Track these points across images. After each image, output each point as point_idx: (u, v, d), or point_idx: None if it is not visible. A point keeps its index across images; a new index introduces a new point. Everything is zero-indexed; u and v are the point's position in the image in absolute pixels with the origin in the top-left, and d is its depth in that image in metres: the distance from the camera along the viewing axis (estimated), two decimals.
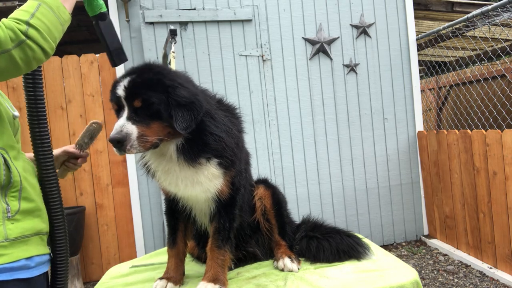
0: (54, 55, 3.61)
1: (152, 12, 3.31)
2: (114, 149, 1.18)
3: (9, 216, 1.00)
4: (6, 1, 3.45)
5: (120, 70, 3.37)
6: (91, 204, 3.46)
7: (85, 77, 3.47)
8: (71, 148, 1.34)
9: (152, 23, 3.31)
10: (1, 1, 3.45)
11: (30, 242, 1.04)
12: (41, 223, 1.10)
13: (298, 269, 1.46)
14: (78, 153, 1.36)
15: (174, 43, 2.44)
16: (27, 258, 1.01)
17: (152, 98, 1.16)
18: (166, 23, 3.32)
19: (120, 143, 1.15)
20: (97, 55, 3.50)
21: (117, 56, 1.11)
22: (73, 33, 4.96)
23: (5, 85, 3.35)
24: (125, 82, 1.21)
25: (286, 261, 1.46)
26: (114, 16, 3.34)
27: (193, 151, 1.23)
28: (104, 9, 1.14)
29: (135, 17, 3.36)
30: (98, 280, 2.68)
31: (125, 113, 1.19)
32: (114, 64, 1.11)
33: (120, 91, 1.21)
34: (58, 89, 3.43)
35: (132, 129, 1.16)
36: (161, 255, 1.81)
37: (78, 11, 4.53)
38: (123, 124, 1.17)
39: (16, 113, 1.17)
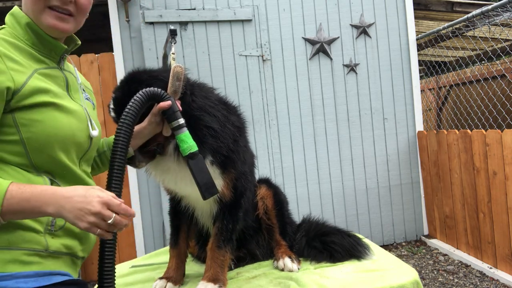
0: None
1: (152, 12, 3.30)
2: (130, 166, 1.24)
3: (51, 230, 0.99)
4: (6, 1, 3.45)
5: (120, 71, 3.37)
6: None
7: (85, 77, 3.45)
8: (163, 104, 1.14)
9: (152, 23, 3.31)
10: (1, 1, 3.45)
11: (62, 260, 1.02)
12: (79, 246, 1.07)
13: (298, 269, 1.46)
14: (175, 102, 1.18)
15: (174, 43, 2.44)
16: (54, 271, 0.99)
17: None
18: (166, 23, 3.32)
19: (131, 160, 1.21)
20: (97, 55, 3.50)
21: (206, 190, 1.14)
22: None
23: None
24: (112, 102, 1.23)
25: (287, 261, 1.47)
26: (114, 16, 3.34)
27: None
28: (193, 150, 1.14)
29: (135, 17, 3.35)
30: None
31: None
32: (204, 197, 1.15)
33: (112, 112, 1.23)
34: None
35: (130, 148, 1.18)
36: (161, 255, 1.81)
37: None
38: None
39: (94, 132, 1.11)
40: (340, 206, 3.73)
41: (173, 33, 2.42)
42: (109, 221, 0.87)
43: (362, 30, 3.73)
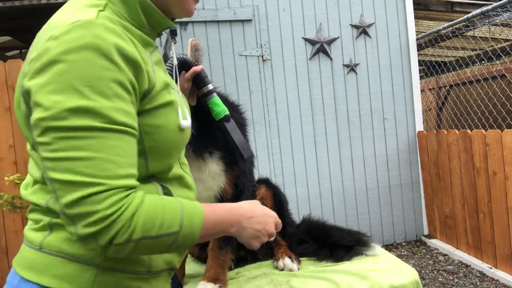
0: None
1: None
2: None
3: None
4: (6, 1, 3.45)
5: None
6: None
7: None
8: (196, 68, 1.07)
9: None
10: (1, 1, 3.45)
11: (161, 277, 0.86)
12: (177, 258, 0.90)
13: (298, 269, 1.46)
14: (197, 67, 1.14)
15: (174, 43, 2.44)
16: None
17: None
18: None
19: None
20: None
21: (244, 150, 1.15)
22: None
23: (5, 84, 3.35)
24: None
25: (287, 261, 1.47)
26: None
27: (198, 145, 1.22)
28: (227, 112, 1.15)
29: None
30: None
31: None
32: (242, 158, 1.16)
33: None
34: None
35: None
36: None
37: None
38: None
39: (185, 122, 0.82)
40: (340, 206, 3.73)
41: (173, 33, 2.42)
42: (271, 239, 0.89)
43: (362, 30, 3.73)
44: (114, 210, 0.62)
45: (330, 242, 1.57)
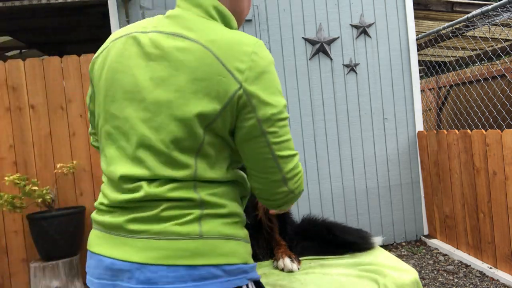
0: (54, 55, 3.62)
1: (152, 12, 3.31)
2: None
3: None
4: (6, 1, 3.45)
5: None
6: (91, 204, 3.46)
7: (85, 77, 3.47)
8: None
9: None
10: (1, 1, 3.45)
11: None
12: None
13: (298, 269, 1.46)
14: None
15: None
16: None
17: None
18: None
19: None
20: None
21: None
22: (73, 33, 4.97)
23: (5, 84, 3.35)
24: None
25: (286, 261, 1.47)
26: (114, 16, 3.34)
27: None
28: None
29: (135, 17, 3.35)
30: None
31: None
32: None
33: None
34: (58, 89, 3.43)
35: None
36: None
37: (78, 11, 4.51)
38: None
39: None
40: (340, 206, 3.73)
41: None
42: None
43: (362, 30, 3.73)
44: (301, 169, 0.92)
45: (331, 238, 1.57)
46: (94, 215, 0.89)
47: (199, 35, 0.82)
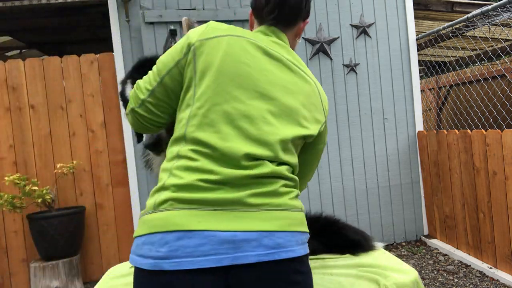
0: (54, 55, 3.62)
1: (152, 12, 3.31)
2: (151, 153, 1.19)
3: None
4: (6, 1, 3.45)
5: (120, 71, 3.38)
6: (91, 204, 3.46)
7: (85, 77, 3.47)
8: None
9: (152, 23, 3.31)
10: (1, 1, 3.45)
11: None
12: None
13: None
14: None
15: (174, 43, 2.44)
16: None
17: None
18: (166, 23, 3.32)
19: (156, 145, 1.15)
20: (97, 55, 3.50)
21: None
22: (73, 33, 4.97)
23: (5, 84, 3.35)
24: (130, 86, 1.19)
25: None
26: (114, 16, 3.34)
27: None
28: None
29: (135, 17, 3.36)
30: (98, 280, 2.68)
31: None
32: None
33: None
34: (58, 89, 3.43)
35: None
36: None
37: (78, 11, 4.50)
38: None
39: None
40: (340, 206, 3.73)
41: (173, 33, 2.42)
42: None
43: (362, 30, 3.73)
44: None
45: (333, 237, 1.58)
46: (185, 195, 0.87)
47: (309, 73, 1.10)
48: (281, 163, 0.95)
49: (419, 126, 3.85)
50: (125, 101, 1.18)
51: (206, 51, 0.98)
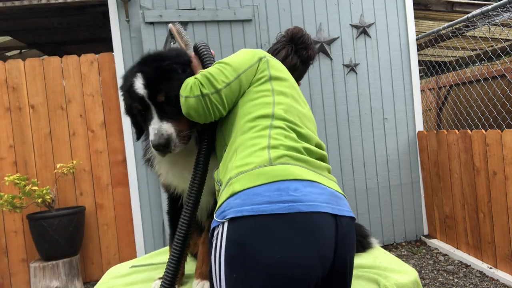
0: (54, 55, 3.62)
1: (152, 12, 3.31)
2: (156, 152, 1.17)
3: None
4: (6, 1, 3.45)
5: (120, 71, 3.37)
6: (91, 204, 3.46)
7: (85, 77, 3.47)
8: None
9: (152, 23, 3.31)
10: (1, 1, 3.45)
11: None
12: None
13: None
14: None
15: (174, 43, 2.44)
16: None
17: (173, 88, 1.14)
18: (166, 23, 3.32)
19: (166, 146, 1.14)
20: (97, 55, 3.50)
21: None
22: (73, 33, 4.97)
23: (5, 84, 3.35)
24: (141, 79, 1.15)
25: None
26: (114, 16, 3.34)
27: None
28: None
29: (135, 17, 3.35)
30: (98, 280, 2.68)
31: (155, 113, 1.15)
32: None
33: (141, 90, 1.15)
34: (58, 89, 3.43)
35: (170, 129, 1.14)
36: (161, 255, 1.81)
37: (78, 11, 4.50)
38: (160, 127, 1.14)
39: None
40: None
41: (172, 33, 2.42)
42: None
43: (362, 30, 3.73)
44: None
45: None
46: (295, 154, 1.05)
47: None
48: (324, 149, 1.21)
49: (419, 126, 3.85)
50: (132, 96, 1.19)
51: (274, 65, 1.26)
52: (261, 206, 0.92)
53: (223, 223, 0.95)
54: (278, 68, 1.26)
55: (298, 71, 1.43)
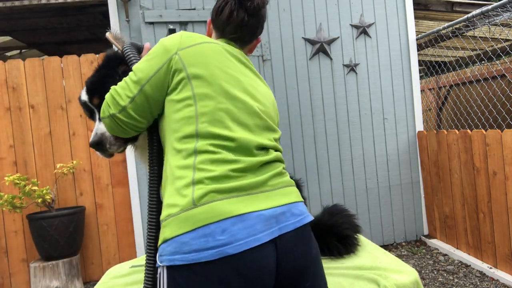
0: (54, 55, 3.62)
1: (152, 12, 3.31)
2: (97, 153, 1.22)
3: None
4: (6, 1, 3.45)
5: None
6: (91, 204, 3.46)
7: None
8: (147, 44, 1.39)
9: (152, 23, 3.31)
10: (1, 1, 3.46)
11: None
12: None
13: None
14: None
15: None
16: None
17: (106, 91, 1.12)
18: (166, 23, 3.32)
19: (99, 145, 1.18)
20: (97, 55, 3.50)
21: None
22: (73, 33, 4.97)
23: (5, 84, 3.35)
24: (84, 87, 1.25)
25: None
26: (114, 16, 3.34)
27: None
28: None
29: (135, 17, 3.36)
30: (98, 280, 2.68)
31: (96, 116, 1.23)
32: None
33: (84, 96, 1.24)
34: (58, 89, 3.43)
35: (104, 128, 1.18)
36: None
37: (78, 11, 4.51)
38: (97, 127, 1.20)
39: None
40: None
41: (172, 33, 2.43)
42: None
43: (362, 30, 3.73)
44: None
45: (324, 235, 1.59)
46: (222, 185, 0.96)
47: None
48: (277, 150, 1.13)
49: (419, 126, 3.85)
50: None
51: (192, 58, 1.07)
52: (190, 255, 0.90)
53: (162, 267, 0.95)
54: (196, 59, 1.07)
55: (248, 26, 1.20)
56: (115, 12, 3.34)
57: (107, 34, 1.33)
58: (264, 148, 1.08)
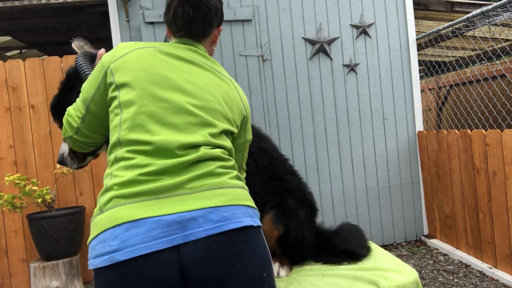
0: (54, 55, 3.62)
1: (152, 12, 3.31)
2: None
3: None
4: (6, 1, 3.45)
5: None
6: (91, 204, 3.46)
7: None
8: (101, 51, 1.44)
9: (152, 23, 3.31)
10: (1, 1, 3.45)
11: None
12: None
13: (286, 275, 1.45)
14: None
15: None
16: None
17: (64, 111, 1.21)
18: None
19: (62, 163, 1.31)
20: None
21: None
22: (73, 33, 4.96)
23: (5, 84, 3.35)
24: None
25: (274, 266, 1.46)
26: (114, 16, 3.33)
27: None
28: None
29: (135, 17, 3.35)
30: None
31: None
32: None
33: (51, 112, 1.37)
34: None
35: (64, 148, 1.30)
36: None
37: (78, 11, 4.50)
38: (62, 145, 1.33)
39: None
40: (340, 206, 3.73)
41: None
42: None
43: (362, 30, 3.73)
44: None
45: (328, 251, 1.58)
46: (127, 190, 0.93)
47: (226, 74, 1.20)
48: (215, 146, 1.03)
49: (419, 126, 3.85)
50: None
51: (121, 68, 1.07)
52: (94, 260, 0.91)
53: None
54: (123, 68, 1.07)
55: (196, 19, 1.16)
56: (115, 12, 3.34)
57: (73, 44, 1.37)
58: (193, 147, 1.00)
